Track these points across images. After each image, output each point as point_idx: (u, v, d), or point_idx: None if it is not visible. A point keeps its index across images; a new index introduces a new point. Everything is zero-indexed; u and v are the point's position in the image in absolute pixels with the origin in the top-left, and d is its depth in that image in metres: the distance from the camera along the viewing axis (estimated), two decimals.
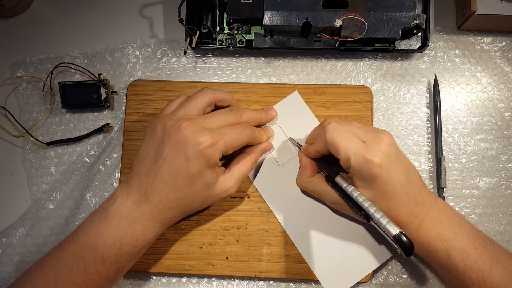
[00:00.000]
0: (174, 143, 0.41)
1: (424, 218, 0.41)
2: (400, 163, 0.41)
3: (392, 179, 0.39)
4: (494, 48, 0.52)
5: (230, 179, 0.44)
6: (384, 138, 0.40)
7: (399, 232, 0.37)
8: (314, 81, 0.53)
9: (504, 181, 0.50)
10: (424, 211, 0.41)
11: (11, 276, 0.50)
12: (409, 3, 0.48)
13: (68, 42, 0.55)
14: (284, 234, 0.48)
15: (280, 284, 0.49)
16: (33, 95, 0.54)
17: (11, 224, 0.52)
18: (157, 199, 0.41)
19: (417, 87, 0.52)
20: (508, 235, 0.49)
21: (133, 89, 0.52)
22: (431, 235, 0.40)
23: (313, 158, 0.46)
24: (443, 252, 0.40)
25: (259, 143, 0.48)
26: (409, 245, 0.37)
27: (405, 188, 0.40)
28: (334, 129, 0.41)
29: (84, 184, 0.52)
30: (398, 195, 0.40)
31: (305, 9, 0.48)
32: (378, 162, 0.39)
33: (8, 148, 0.54)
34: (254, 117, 0.47)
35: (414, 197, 0.41)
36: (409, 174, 0.41)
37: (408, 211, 0.40)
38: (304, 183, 0.46)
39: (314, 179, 0.45)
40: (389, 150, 0.40)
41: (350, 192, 0.40)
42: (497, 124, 0.51)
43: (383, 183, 0.39)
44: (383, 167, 0.39)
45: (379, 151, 0.39)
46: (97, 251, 0.40)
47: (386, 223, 0.38)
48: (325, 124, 0.42)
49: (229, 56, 0.54)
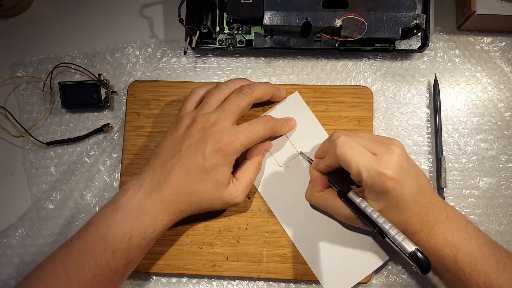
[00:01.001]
0: (192, 142, 0.43)
1: (434, 225, 0.40)
2: (411, 173, 0.40)
3: (405, 191, 0.39)
4: (494, 48, 0.52)
5: (238, 187, 0.45)
6: (396, 150, 0.40)
7: (415, 249, 0.36)
8: (314, 81, 0.53)
9: (504, 181, 0.50)
10: (434, 218, 0.41)
11: (11, 277, 0.50)
12: (409, 3, 0.48)
13: (68, 42, 0.55)
14: (284, 234, 0.48)
15: (280, 285, 0.49)
16: (33, 95, 0.54)
17: (11, 225, 0.52)
18: (168, 191, 0.42)
19: (417, 87, 0.52)
20: (508, 235, 0.49)
21: (133, 89, 0.52)
22: (439, 241, 0.40)
23: (324, 173, 0.46)
24: (451, 257, 0.40)
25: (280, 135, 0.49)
26: (425, 263, 0.35)
27: (416, 197, 0.40)
28: (344, 143, 0.40)
29: (84, 184, 0.52)
30: (410, 205, 0.40)
31: (305, 9, 0.48)
32: (391, 174, 0.38)
33: (8, 148, 0.54)
34: (267, 90, 0.48)
35: (425, 204, 0.40)
36: (420, 182, 0.41)
37: (419, 219, 0.40)
38: (314, 198, 0.46)
39: (324, 193, 0.45)
40: (400, 161, 0.39)
41: (364, 208, 0.40)
42: (497, 124, 0.51)
43: (396, 195, 0.39)
44: (396, 180, 0.38)
45: (391, 163, 0.39)
46: (107, 243, 0.40)
47: (402, 240, 0.37)
48: (334, 138, 0.42)
49: (229, 56, 0.54)
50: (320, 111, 0.51)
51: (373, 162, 0.39)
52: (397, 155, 0.39)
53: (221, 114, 0.44)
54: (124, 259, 0.41)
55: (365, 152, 0.40)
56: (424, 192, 0.41)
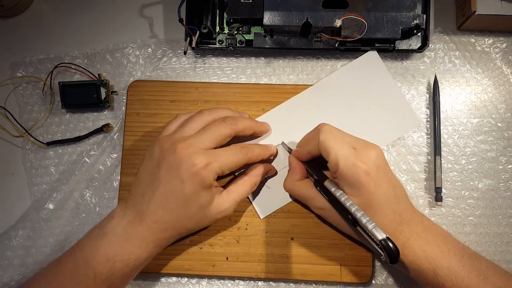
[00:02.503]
0: (169, 165, 0.41)
1: (409, 236, 0.40)
2: (388, 178, 0.41)
3: (379, 191, 0.39)
4: (495, 49, 0.52)
5: (227, 200, 0.44)
6: (375, 150, 0.41)
7: (386, 237, 0.36)
8: (314, 81, 0.53)
9: (503, 183, 0.50)
10: (409, 229, 0.40)
11: (12, 280, 0.50)
12: (409, 3, 0.48)
13: (68, 42, 0.55)
14: (284, 234, 0.48)
15: (280, 285, 0.49)
16: (33, 95, 0.54)
17: (11, 225, 0.52)
18: (151, 220, 0.42)
19: (417, 88, 0.52)
20: (507, 237, 0.49)
21: (133, 89, 0.52)
22: (417, 254, 0.40)
23: (303, 161, 0.46)
24: (430, 271, 0.39)
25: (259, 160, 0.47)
26: (395, 251, 0.35)
27: (391, 203, 0.40)
28: (329, 131, 0.42)
29: (84, 184, 0.52)
30: (383, 209, 0.40)
31: (305, 9, 0.48)
32: (366, 168, 0.39)
33: (8, 148, 0.54)
34: (250, 125, 0.47)
35: (400, 214, 0.40)
36: (397, 190, 0.41)
37: (393, 227, 0.40)
38: (291, 186, 0.46)
39: (302, 183, 0.45)
40: (378, 160, 0.40)
41: (338, 196, 0.40)
42: (497, 125, 0.51)
43: (369, 191, 0.39)
44: (371, 175, 0.39)
45: (368, 159, 0.40)
46: (90, 267, 0.40)
47: (373, 227, 0.37)
48: (320, 126, 0.43)
49: (229, 56, 0.54)
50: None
51: (351, 154, 0.40)
52: (376, 154, 0.40)
53: (200, 137, 0.42)
54: (106, 284, 0.41)
55: (346, 144, 0.41)
56: (400, 201, 0.41)
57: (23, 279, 0.50)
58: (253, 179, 0.46)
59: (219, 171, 0.42)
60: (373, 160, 0.40)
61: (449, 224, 0.49)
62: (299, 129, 0.48)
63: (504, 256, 0.48)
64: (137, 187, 0.43)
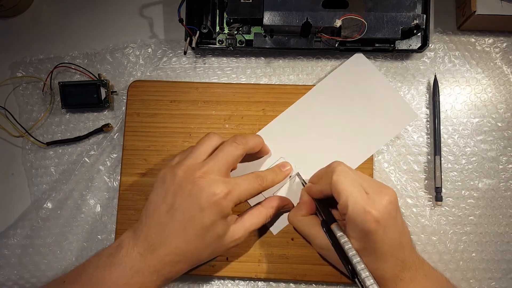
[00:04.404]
0: (187, 194, 0.40)
1: (409, 283, 0.40)
2: (397, 225, 0.40)
3: (386, 239, 0.39)
4: (495, 49, 0.52)
5: (241, 229, 0.42)
6: (389, 195, 0.39)
7: None
8: (314, 81, 0.53)
9: (504, 183, 0.50)
10: (409, 276, 0.40)
11: (9, 279, 0.50)
12: (409, 3, 0.48)
13: (68, 42, 0.55)
14: (285, 235, 0.48)
15: (280, 285, 0.49)
16: (33, 95, 0.54)
17: (11, 225, 0.52)
18: (164, 252, 0.40)
19: (417, 88, 0.52)
20: (508, 237, 0.49)
21: (133, 89, 0.52)
22: None
23: (314, 198, 0.45)
24: None
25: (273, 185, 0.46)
26: None
27: (395, 251, 0.40)
28: (342, 172, 0.40)
29: (84, 184, 0.52)
30: (386, 256, 0.39)
31: (305, 9, 0.48)
32: (377, 216, 0.38)
33: (8, 148, 0.54)
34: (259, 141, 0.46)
35: (402, 261, 0.40)
36: (402, 237, 0.40)
37: (394, 273, 0.40)
38: (296, 221, 0.45)
39: (306, 219, 0.45)
40: (390, 207, 0.39)
41: (343, 243, 0.40)
42: (497, 125, 0.51)
43: (376, 240, 0.38)
44: (380, 223, 0.38)
45: (380, 205, 0.38)
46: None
47: (370, 284, 0.37)
48: (335, 165, 0.41)
49: (229, 56, 0.54)
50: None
51: (363, 199, 0.38)
52: (388, 201, 0.39)
53: (215, 163, 0.41)
54: None
55: (358, 187, 0.39)
56: (405, 247, 0.40)
57: (19, 279, 0.50)
58: (269, 211, 0.45)
59: (238, 200, 0.41)
60: (385, 207, 0.38)
61: (449, 224, 0.49)
62: (298, 142, 0.49)
63: (504, 255, 0.48)
64: (148, 217, 0.41)
